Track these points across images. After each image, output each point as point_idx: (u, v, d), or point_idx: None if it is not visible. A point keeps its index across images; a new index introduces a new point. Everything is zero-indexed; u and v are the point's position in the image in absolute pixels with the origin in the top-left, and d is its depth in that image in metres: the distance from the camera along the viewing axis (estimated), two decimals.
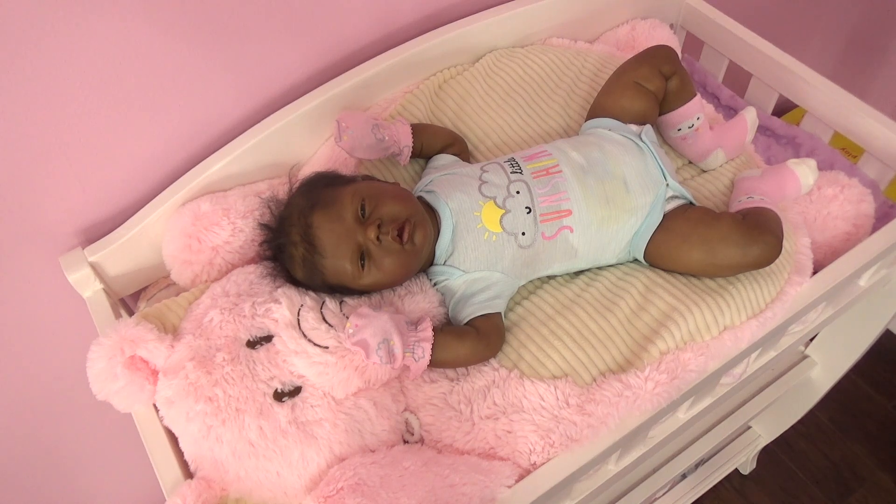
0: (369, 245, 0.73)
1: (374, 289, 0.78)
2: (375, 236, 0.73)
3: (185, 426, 0.70)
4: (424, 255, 0.78)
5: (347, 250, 0.73)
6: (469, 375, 0.75)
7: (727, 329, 0.78)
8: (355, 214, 0.74)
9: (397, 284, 0.79)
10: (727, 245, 0.76)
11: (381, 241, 0.73)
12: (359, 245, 0.73)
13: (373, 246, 0.73)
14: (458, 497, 0.65)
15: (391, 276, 0.75)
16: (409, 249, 0.74)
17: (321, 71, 0.94)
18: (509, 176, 0.79)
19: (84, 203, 0.85)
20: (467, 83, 1.00)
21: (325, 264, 0.74)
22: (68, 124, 0.78)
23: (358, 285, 0.76)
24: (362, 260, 0.74)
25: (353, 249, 0.73)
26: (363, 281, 0.75)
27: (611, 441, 0.72)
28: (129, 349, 0.71)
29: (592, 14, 1.11)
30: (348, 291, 0.77)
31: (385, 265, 0.74)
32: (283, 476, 0.69)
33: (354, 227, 0.73)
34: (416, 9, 0.98)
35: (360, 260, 0.74)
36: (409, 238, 0.73)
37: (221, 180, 0.88)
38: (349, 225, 0.73)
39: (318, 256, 0.74)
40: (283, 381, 0.71)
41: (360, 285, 0.76)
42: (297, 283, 0.77)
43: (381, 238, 0.73)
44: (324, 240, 0.74)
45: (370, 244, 0.73)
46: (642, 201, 0.79)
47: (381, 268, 0.74)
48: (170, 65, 0.80)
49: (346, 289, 0.77)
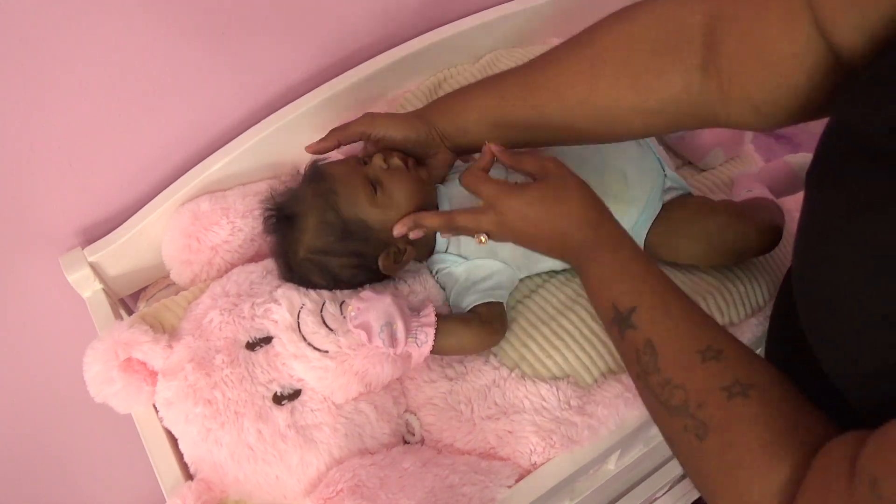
0: (378, 172, 0.74)
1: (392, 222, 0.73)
2: (382, 160, 0.74)
3: (184, 428, 0.70)
4: (432, 192, 0.78)
5: (358, 177, 0.74)
6: (469, 375, 0.75)
7: (727, 327, 0.78)
8: (359, 161, 0.77)
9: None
10: (725, 231, 0.76)
11: (388, 164, 0.74)
12: (367, 176, 0.74)
13: (381, 172, 0.74)
14: (457, 497, 0.65)
15: (405, 196, 0.74)
16: (416, 174, 0.75)
17: (321, 71, 0.94)
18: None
19: (84, 203, 0.85)
20: (466, 82, 0.99)
21: (340, 198, 0.74)
22: (68, 124, 0.77)
23: (376, 216, 0.74)
24: (374, 189, 0.74)
25: (363, 178, 0.74)
26: (379, 208, 0.73)
27: (611, 441, 0.72)
28: (124, 352, 0.70)
29: (592, 14, 1.11)
30: (364, 236, 0.74)
31: (397, 188, 0.73)
32: (282, 480, 0.69)
33: (360, 167, 0.76)
34: (416, 9, 0.98)
35: (371, 186, 0.74)
36: (413, 165, 0.75)
37: (221, 180, 0.88)
38: (355, 166, 0.76)
39: (332, 193, 0.74)
40: (283, 385, 0.71)
41: (377, 216, 0.74)
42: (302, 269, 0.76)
43: (389, 161, 0.74)
44: (334, 171, 0.75)
45: (378, 171, 0.74)
46: (641, 192, 0.79)
47: (394, 190, 0.73)
48: (170, 64, 0.80)
49: (364, 227, 0.74)
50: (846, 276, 0.43)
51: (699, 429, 0.49)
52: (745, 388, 0.49)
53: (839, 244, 0.43)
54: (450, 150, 0.77)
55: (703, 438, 0.49)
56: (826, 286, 0.44)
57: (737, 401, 0.49)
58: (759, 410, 0.48)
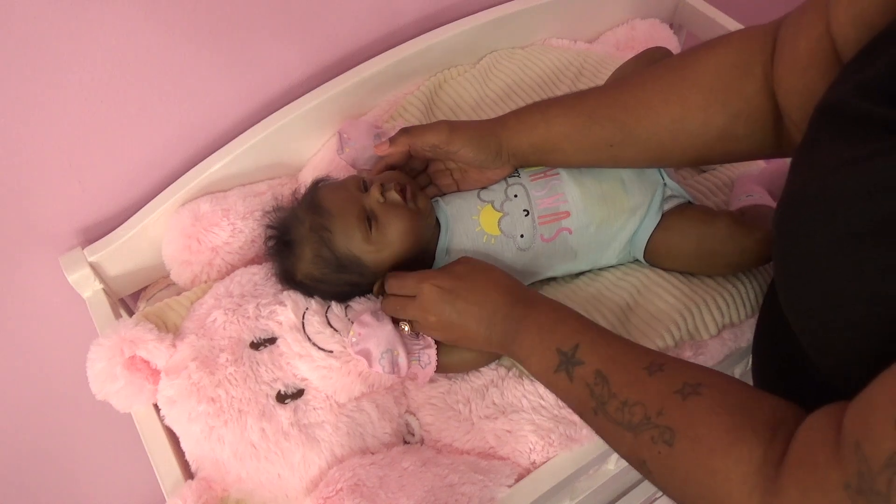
0: (374, 206, 0.73)
1: (386, 261, 0.75)
2: (380, 193, 0.73)
3: (186, 426, 0.70)
4: (429, 225, 0.77)
5: (353, 211, 0.73)
6: (468, 374, 0.75)
7: (727, 328, 0.78)
8: (358, 186, 0.75)
9: (408, 254, 0.75)
10: (725, 243, 0.76)
11: (385, 198, 0.73)
12: (364, 208, 0.73)
13: (377, 206, 0.73)
14: (457, 497, 0.65)
15: (400, 235, 0.73)
16: (413, 209, 0.74)
17: (321, 71, 0.94)
18: (507, 179, 0.79)
19: (84, 203, 0.85)
20: (466, 83, 1.00)
21: (334, 235, 0.73)
22: (68, 124, 0.78)
23: (369, 255, 0.74)
24: (369, 224, 0.73)
25: (359, 211, 0.73)
26: (373, 245, 0.73)
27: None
28: (129, 349, 0.71)
29: (592, 14, 1.11)
30: (359, 271, 0.75)
31: (392, 225, 0.73)
32: (284, 478, 0.69)
33: (359, 195, 0.74)
34: (417, 9, 0.98)
35: (366, 222, 0.73)
36: (412, 197, 0.74)
37: (221, 180, 0.88)
38: (354, 193, 0.75)
39: (326, 230, 0.73)
40: (286, 384, 0.71)
41: (371, 255, 0.74)
42: (301, 287, 0.77)
43: (386, 195, 0.73)
44: (330, 204, 0.74)
45: (375, 205, 0.73)
46: (640, 201, 0.79)
47: (388, 228, 0.73)
48: (170, 64, 0.80)
49: (358, 263, 0.74)
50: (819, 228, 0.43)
51: (665, 434, 0.51)
52: (695, 387, 0.52)
53: (814, 201, 0.44)
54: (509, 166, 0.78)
55: (672, 443, 0.50)
56: (801, 250, 0.45)
57: (691, 399, 0.51)
58: (713, 402, 0.51)
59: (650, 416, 0.52)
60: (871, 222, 0.40)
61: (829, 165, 0.44)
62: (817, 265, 0.44)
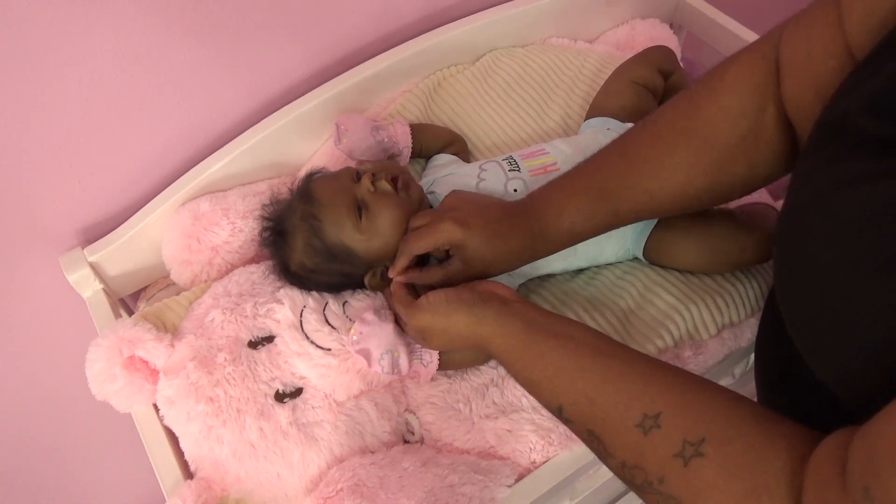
0: (365, 195, 0.73)
1: (377, 250, 0.74)
2: (371, 182, 0.73)
3: (185, 426, 0.70)
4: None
5: (344, 200, 0.73)
6: (468, 374, 0.75)
7: (727, 327, 0.78)
8: (351, 177, 0.76)
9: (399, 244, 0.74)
10: (725, 241, 0.76)
11: (376, 186, 0.73)
12: (355, 198, 0.74)
13: (368, 195, 0.73)
14: (457, 497, 0.65)
15: (390, 224, 0.73)
16: (405, 198, 0.74)
17: (321, 71, 0.94)
18: (507, 174, 0.79)
19: (84, 203, 0.85)
20: (466, 81, 1.00)
21: (324, 224, 0.73)
22: (68, 124, 0.78)
23: (360, 244, 0.74)
24: (359, 213, 0.73)
25: (350, 200, 0.73)
26: (363, 234, 0.73)
27: None
28: (128, 350, 0.71)
29: (592, 14, 1.11)
30: (350, 260, 0.75)
31: (382, 215, 0.73)
32: (283, 477, 0.69)
33: (351, 185, 0.75)
34: (416, 9, 0.98)
35: (357, 210, 0.73)
36: (403, 186, 0.74)
37: (221, 180, 0.88)
38: (346, 183, 0.75)
39: (315, 219, 0.73)
40: (285, 382, 0.71)
41: (362, 244, 0.74)
42: (297, 279, 0.77)
43: (377, 184, 0.73)
44: (321, 194, 0.74)
45: (366, 194, 0.73)
46: None
47: (379, 217, 0.73)
48: (170, 64, 0.80)
49: (349, 252, 0.74)
50: (821, 250, 0.42)
51: (671, 502, 0.48)
52: (697, 445, 0.47)
53: (816, 219, 0.43)
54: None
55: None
56: (803, 260, 0.44)
57: (694, 463, 0.47)
58: (719, 465, 0.46)
59: (652, 482, 0.49)
60: (877, 258, 0.39)
61: (831, 182, 0.43)
62: (818, 286, 0.43)
